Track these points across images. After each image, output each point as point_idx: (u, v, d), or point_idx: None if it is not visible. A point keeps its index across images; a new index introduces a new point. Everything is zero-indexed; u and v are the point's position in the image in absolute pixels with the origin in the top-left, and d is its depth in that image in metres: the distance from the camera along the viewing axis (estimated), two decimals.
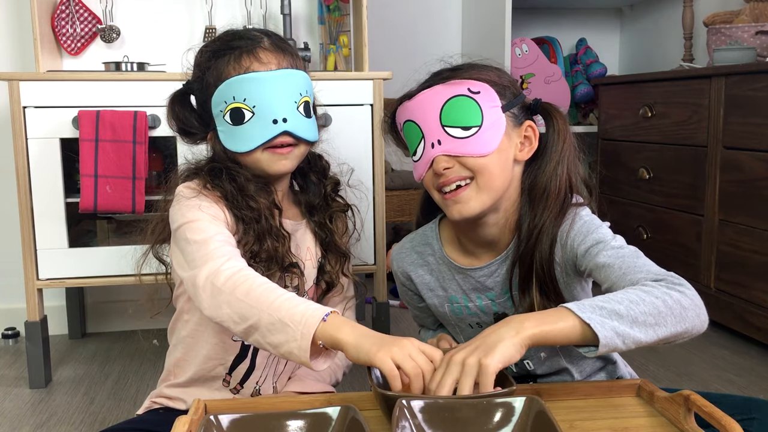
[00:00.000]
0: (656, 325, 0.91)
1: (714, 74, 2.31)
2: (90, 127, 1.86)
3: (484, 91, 1.09)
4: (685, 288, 0.96)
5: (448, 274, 1.22)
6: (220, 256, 1.03)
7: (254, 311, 0.95)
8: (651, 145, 2.65)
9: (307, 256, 1.26)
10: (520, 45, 2.97)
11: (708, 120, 2.34)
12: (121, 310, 2.49)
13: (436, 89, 1.09)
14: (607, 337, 0.88)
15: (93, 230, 2.14)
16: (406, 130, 1.13)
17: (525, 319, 0.90)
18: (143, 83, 1.92)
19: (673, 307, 0.92)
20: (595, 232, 1.08)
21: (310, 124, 1.18)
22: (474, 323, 1.22)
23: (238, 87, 1.13)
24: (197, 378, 1.22)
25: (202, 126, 1.21)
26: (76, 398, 1.94)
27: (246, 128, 1.13)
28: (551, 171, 1.12)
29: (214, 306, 0.99)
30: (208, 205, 1.13)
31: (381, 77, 2.01)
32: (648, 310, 0.91)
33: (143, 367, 2.17)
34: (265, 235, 1.15)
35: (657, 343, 0.92)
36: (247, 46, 1.15)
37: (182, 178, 1.21)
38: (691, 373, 2.06)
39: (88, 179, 1.87)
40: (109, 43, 2.35)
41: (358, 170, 1.62)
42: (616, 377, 1.23)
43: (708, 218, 2.36)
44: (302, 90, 1.17)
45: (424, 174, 1.12)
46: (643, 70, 3.21)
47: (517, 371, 1.21)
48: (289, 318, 0.92)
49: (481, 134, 1.08)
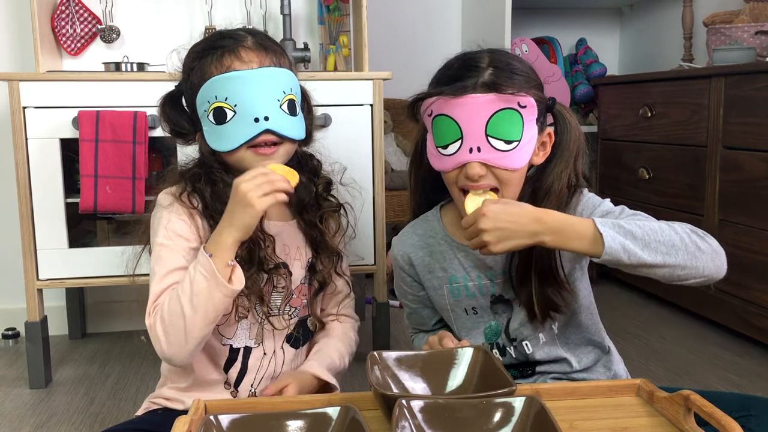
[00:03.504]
0: (666, 254, 1.02)
1: (714, 74, 2.31)
2: (90, 128, 1.86)
3: (530, 107, 1.10)
4: (708, 237, 1.06)
5: (449, 253, 1.23)
6: (151, 301, 1.13)
7: (181, 305, 1.07)
8: (651, 145, 2.65)
9: (296, 256, 1.26)
10: (519, 45, 2.97)
11: (708, 120, 2.34)
12: (121, 310, 2.49)
13: (489, 98, 1.08)
14: (612, 248, 1.00)
15: (93, 230, 2.14)
16: (440, 122, 1.12)
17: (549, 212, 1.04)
18: (143, 83, 1.92)
19: (689, 245, 1.03)
20: (601, 205, 1.15)
21: (295, 122, 1.18)
22: (470, 308, 1.23)
23: (219, 86, 1.13)
24: (197, 383, 1.22)
25: (192, 127, 1.21)
26: (76, 399, 1.94)
27: (228, 127, 1.14)
28: (558, 174, 1.15)
29: (168, 342, 1.10)
30: (176, 221, 1.16)
31: (381, 77, 2.01)
32: (663, 240, 1.02)
33: (143, 367, 2.17)
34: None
35: (663, 269, 1.02)
36: (229, 46, 1.16)
37: (166, 181, 1.23)
38: (691, 372, 2.06)
39: (88, 179, 1.87)
40: (109, 43, 2.34)
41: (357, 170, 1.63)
42: (612, 372, 1.23)
43: (708, 218, 2.36)
44: (286, 88, 1.17)
45: (451, 170, 1.13)
46: (643, 70, 3.21)
47: (516, 356, 1.22)
48: (191, 278, 1.07)
49: (519, 149, 1.10)
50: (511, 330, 1.21)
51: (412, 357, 1.00)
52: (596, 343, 1.24)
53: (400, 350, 1.01)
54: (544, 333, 1.20)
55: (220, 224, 1.09)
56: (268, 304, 1.21)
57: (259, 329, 1.22)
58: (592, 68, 3.18)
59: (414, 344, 1.36)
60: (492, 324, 1.22)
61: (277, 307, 1.23)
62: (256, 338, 1.22)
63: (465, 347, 1.02)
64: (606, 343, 1.27)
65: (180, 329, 1.08)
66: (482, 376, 0.96)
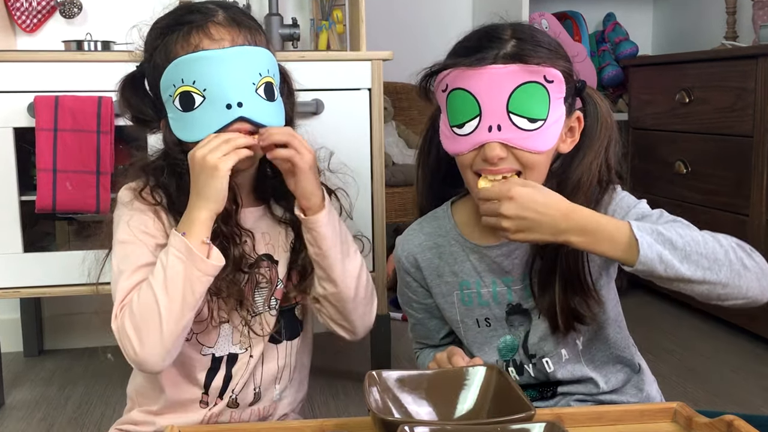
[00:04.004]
0: (707, 269, 1.02)
1: (761, 54, 2.31)
2: (48, 115, 1.86)
3: (557, 82, 1.10)
4: (755, 254, 1.06)
5: (461, 255, 1.23)
6: (118, 301, 1.12)
7: (154, 294, 1.07)
8: (689, 135, 2.65)
9: (280, 242, 1.26)
10: (539, 20, 2.97)
11: (754, 106, 2.34)
12: (83, 323, 2.48)
13: (512, 69, 1.09)
14: (648, 257, 0.99)
15: (51, 233, 2.14)
16: (456, 98, 1.12)
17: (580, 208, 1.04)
18: (108, 65, 1.91)
19: (734, 261, 1.02)
20: (636, 206, 1.15)
21: (273, 108, 1.18)
22: (483, 318, 1.23)
23: (186, 68, 1.13)
24: (169, 405, 1.22)
25: (156, 113, 1.21)
26: (32, 424, 1.94)
27: (197, 114, 1.14)
28: (587, 165, 1.15)
29: (141, 344, 1.08)
30: (139, 217, 1.17)
31: (380, 58, 2.01)
32: (706, 252, 1.02)
33: (109, 389, 2.17)
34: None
35: (702, 286, 1.02)
36: (198, 21, 1.15)
37: (128, 176, 1.23)
38: (734, 394, 2.06)
39: (45, 174, 1.87)
40: (70, 18, 2.34)
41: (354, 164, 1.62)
42: (644, 394, 1.23)
43: (754, 219, 2.36)
44: (262, 69, 1.16)
45: (467, 152, 1.13)
46: (680, 49, 3.20)
47: (535, 374, 1.22)
48: (163, 264, 1.08)
49: (544, 129, 1.10)
50: (530, 345, 1.21)
51: (416, 377, 1.00)
52: (626, 361, 1.24)
53: (402, 369, 1.00)
54: (567, 349, 1.20)
55: (189, 202, 1.11)
56: (250, 306, 1.21)
57: (244, 333, 1.22)
58: (621, 47, 3.17)
59: (418, 362, 1.36)
60: (507, 338, 1.22)
61: (261, 305, 1.23)
62: (242, 343, 1.22)
63: (477, 366, 1.02)
64: (636, 361, 1.27)
65: (154, 323, 1.07)
66: (496, 399, 0.96)
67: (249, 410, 1.24)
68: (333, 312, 1.22)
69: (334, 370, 2.28)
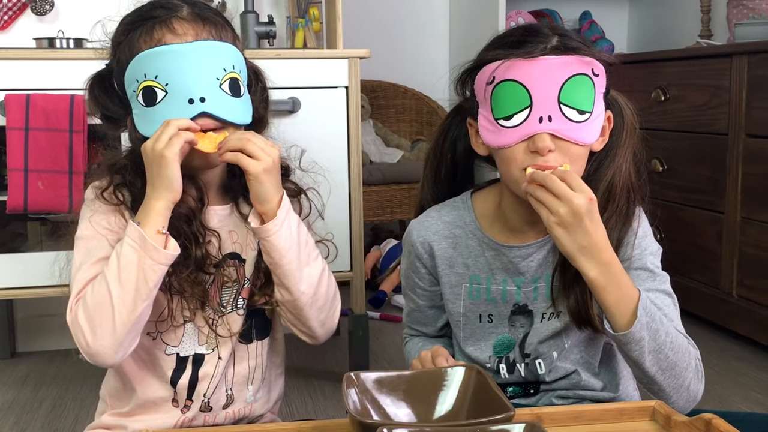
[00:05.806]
0: (663, 372, 1.09)
1: (735, 52, 2.33)
2: (19, 114, 1.84)
3: (601, 77, 1.13)
4: (701, 383, 1.14)
5: (476, 249, 1.23)
6: (74, 293, 1.14)
7: (107, 284, 1.08)
8: (664, 133, 2.67)
9: (248, 242, 1.25)
10: (515, 18, 2.98)
11: (729, 104, 2.36)
12: (56, 325, 2.46)
13: (565, 60, 1.10)
14: (634, 336, 1.05)
15: (23, 233, 2.12)
16: (504, 89, 1.12)
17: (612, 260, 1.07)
18: (81, 62, 1.89)
19: (684, 379, 1.10)
20: (652, 254, 1.19)
21: (238, 104, 1.17)
22: (486, 314, 1.23)
23: (148, 62, 1.12)
24: (140, 405, 1.21)
25: (123, 110, 1.20)
26: (5, 428, 1.92)
27: (159, 110, 1.13)
28: (618, 166, 1.17)
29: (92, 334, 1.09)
30: (102, 215, 1.17)
31: (357, 56, 2.00)
32: (673, 359, 1.09)
33: (83, 391, 2.15)
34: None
35: (647, 379, 1.10)
36: (162, 17, 1.15)
37: (93, 175, 1.22)
38: (712, 392, 2.07)
39: (16, 174, 1.84)
40: (42, 15, 2.32)
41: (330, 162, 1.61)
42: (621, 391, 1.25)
43: (729, 216, 2.38)
44: (227, 65, 1.15)
45: (514, 144, 1.12)
46: (655, 48, 3.23)
47: (525, 374, 1.22)
48: (118, 253, 1.08)
49: (591, 121, 1.12)
50: (527, 345, 1.22)
51: (395, 378, 0.99)
52: (607, 361, 1.25)
53: (380, 370, 1.00)
54: (558, 350, 1.21)
55: (146, 193, 1.12)
56: (215, 306, 1.20)
57: (210, 332, 1.21)
58: (597, 46, 3.19)
59: (406, 348, 1.35)
60: (505, 336, 1.23)
61: (227, 304, 1.22)
62: (208, 343, 1.21)
63: (456, 366, 1.01)
64: (617, 358, 1.27)
65: (107, 313, 1.07)
66: (475, 400, 0.96)
67: (224, 413, 1.23)
68: (291, 317, 1.21)
69: (311, 369, 2.28)
